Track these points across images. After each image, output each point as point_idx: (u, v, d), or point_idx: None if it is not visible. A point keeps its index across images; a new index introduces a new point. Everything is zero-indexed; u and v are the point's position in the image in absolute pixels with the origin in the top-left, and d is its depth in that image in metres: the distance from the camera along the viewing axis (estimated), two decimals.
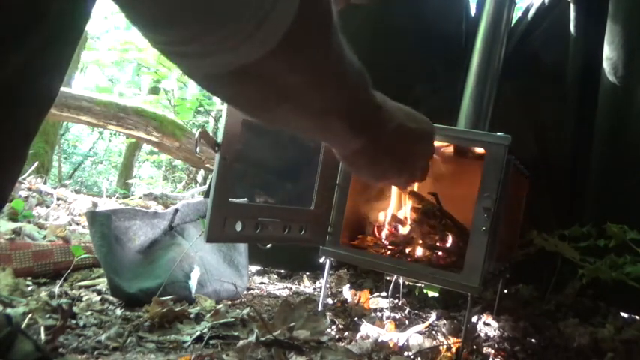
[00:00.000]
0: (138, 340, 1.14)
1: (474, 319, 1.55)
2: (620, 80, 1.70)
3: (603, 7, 1.73)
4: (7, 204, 2.04)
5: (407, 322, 1.51)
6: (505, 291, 1.85)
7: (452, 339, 1.38)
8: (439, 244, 1.49)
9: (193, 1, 0.41)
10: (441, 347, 1.30)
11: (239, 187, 1.22)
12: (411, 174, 0.79)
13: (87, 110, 3.83)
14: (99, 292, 1.45)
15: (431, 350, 1.27)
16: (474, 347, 1.34)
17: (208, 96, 6.57)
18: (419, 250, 1.47)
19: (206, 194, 2.26)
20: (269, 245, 1.22)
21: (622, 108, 1.73)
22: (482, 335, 1.47)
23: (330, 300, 1.61)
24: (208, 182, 3.53)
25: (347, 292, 1.64)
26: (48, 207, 2.68)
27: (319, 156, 1.35)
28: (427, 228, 1.49)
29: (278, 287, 1.81)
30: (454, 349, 1.28)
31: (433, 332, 1.45)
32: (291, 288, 1.82)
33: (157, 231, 1.57)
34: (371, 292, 1.70)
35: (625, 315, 1.77)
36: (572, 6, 1.85)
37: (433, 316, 1.56)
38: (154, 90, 6.99)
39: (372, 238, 1.52)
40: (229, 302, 1.49)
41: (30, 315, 1.14)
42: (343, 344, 1.26)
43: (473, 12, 2.09)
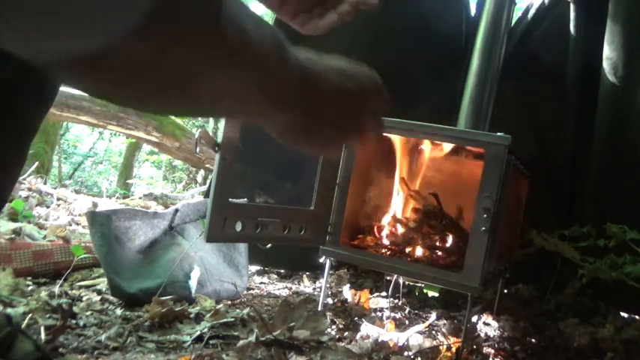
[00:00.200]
0: (138, 340, 1.14)
1: (474, 319, 1.55)
2: (620, 80, 1.70)
3: (603, 7, 1.73)
4: (7, 204, 2.04)
5: (407, 322, 1.51)
6: (505, 291, 1.85)
7: (452, 339, 1.38)
8: (439, 244, 1.49)
9: None
10: (441, 347, 1.30)
11: (239, 187, 1.22)
12: (360, 135, 0.71)
13: (87, 110, 3.83)
14: (99, 292, 1.45)
15: (431, 350, 1.27)
16: (474, 347, 1.34)
17: None
18: (419, 250, 1.47)
19: (206, 194, 2.26)
20: (269, 245, 1.22)
21: (622, 108, 1.73)
22: (482, 335, 1.47)
23: (330, 300, 1.61)
24: (208, 182, 3.53)
25: (347, 292, 1.64)
26: (48, 207, 2.68)
27: (319, 156, 1.35)
28: (427, 228, 1.49)
29: (278, 287, 1.81)
30: (454, 349, 1.28)
31: (433, 332, 1.45)
32: (291, 288, 1.82)
33: (157, 231, 1.57)
34: (371, 292, 1.70)
35: (625, 315, 1.77)
36: (572, 6, 1.85)
37: (433, 316, 1.56)
38: None
39: (372, 238, 1.52)
40: (229, 302, 1.49)
41: (30, 315, 1.14)
42: (343, 344, 1.26)
43: (473, 12, 2.09)
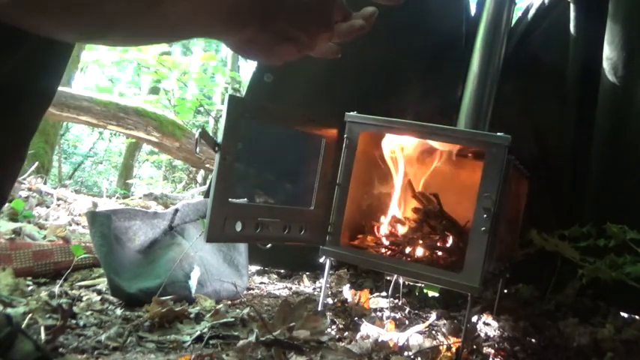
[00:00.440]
0: (138, 340, 1.14)
1: (474, 319, 1.55)
2: (620, 80, 1.70)
3: (603, 7, 1.73)
4: (7, 204, 2.04)
5: (407, 322, 1.51)
6: (505, 291, 1.85)
7: (452, 339, 1.38)
8: (439, 245, 1.49)
9: None
10: (441, 347, 1.30)
11: (239, 187, 1.22)
12: (318, 36, 0.68)
13: (87, 110, 3.83)
14: (99, 292, 1.45)
15: (431, 350, 1.27)
16: (474, 347, 1.34)
17: (208, 96, 6.58)
18: (419, 250, 1.47)
19: (206, 194, 2.26)
20: (269, 245, 1.22)
21: (622, 108, 1.73)
22: (482, 335, 1.47)
23: (330, 300, 1.61)
24: (208, 182, 3.53)
25: (347, 292, 1.64)
26: (48, 207, 2.68)
27: (319, 156, 1.35)
28: (427, 228, 1.49)
29: (278, 287, 1.81)
30: (454, 349, 1.28)
31: (433, 332, 1.45)
32: (291, 288, 1.82)
33: (157, 231, 1.57)
34: (371, 292, 1.70)
35: (625, 315, 1.77)
36: (572, 6, 1.85)
37: (433, 316, 1.56)
38: (154, 90, 7.00)
39: (372, 238, 1.52)
40: (229, 302, 1.49)
41: (30, 315, 1.14)
42: (343, 344, 1.26)
43: (473, 12, 2.09)
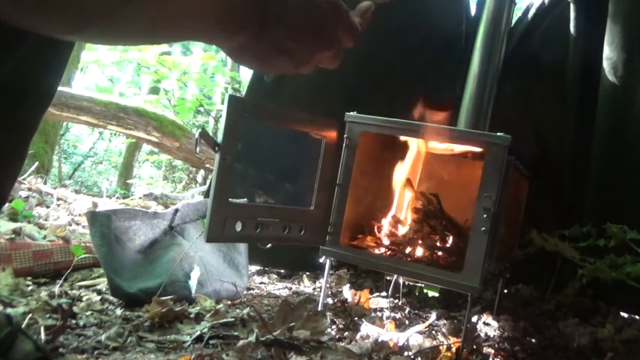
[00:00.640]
0: (138, 340, 1.14)
1: (474, 319, 1.55)
2: (620, 80, 1.70)
3: (603, 7, 1.73)
4: (7, 204, 2.04)
5: (407, 322, 1.51)
6: (505, 291, 1.85)
7: (452, 339, 1.38)
8: (439, 245, 1.49)
9: None
10: (441, 347, 1.30)
11: (239, 187, 1.22)
12: (317, 57, 0.66)
13: (87, 110, 3.83)
14: (99, 292, 1.45)
15: (431, 350, 1.27)
16: (474, 347, 1.34)
17: (208, 96, 6.58)
18: (419, 250, 1.47)
19: (206, 194, 2.26)
20: (269, 245, 1.22)
21: (622, 108, 1.73)
22: (482, 335, 1.47)
23: (330, 300, 1.61)
24: (208, 182, 3.53)
25: (347, 292, 1.64)
26: (48, 207, 2.68)
27: (319, 156, 1.35)
28: (427, 228, 1.49)
29: (278, 287, 1.80)
30: (454, 349, 1.28)
31: (433, 332, 1.45)
32: (291, 288, 1.82)
33: (157, 231, 1.57)
34: (371, 292, 1.70)
35: (625, 315, 1.77)
36: (572, 6, 1.85)
37: (433, 316, 1.56)
38: (154, 90, 7.00)
39: (372, 238, 1.52)
40: (229, 302, 1.49)
41: (30, 315, 1.14)
42: (343, 344, 1.26)
43: (473, 12, 2.09)
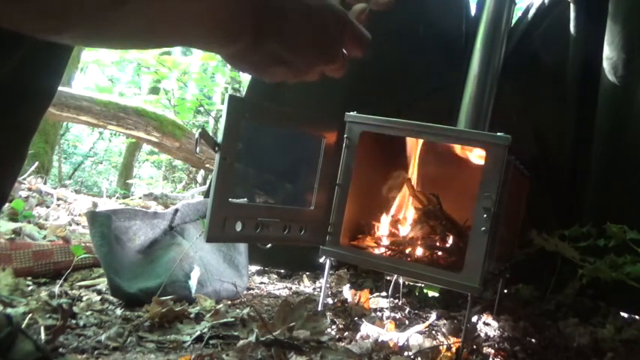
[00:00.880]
0: (138, 340, 1.14)
1: (474, 319, 1.55)
2: (620, 80, 1.70)
3: (603, 7, 1.73)
4: (7, 204, 2.04)
5: (407, 322, 1.51)
6: (505, 291, 1.85)
7: (452, 339, 1.38)
8: (439, 244, 1.49)
9: None
10: (441, 347, 1.30)
11: (239, 187, 1.22)
12: (317, 66, 0.64)
13: (87, 110, 3.83)
14: (99, 292, 1.45)
15: (431, 350, 1.27)
16: (474, 347, 1.34)
17: (208, 96, 6.58)
18: (419, 250, 1.47)
19: (206, 194, 2.26)
20: (269, 245, 1.22)
21: (622, 108, 1.73)
22: (482, 335, 1.47)
23: (330, 300, 1.61)
24: (208, 182, 3.53)
25: (347, 292, 1.64)
26: (48, 207, 2.68)
27: (319, 156, 1.35)
28: (428, 228, 1.49)
29: (278, 287, 1.80)
30: (454, 349, 1.28)
31: (433, 332, 1.45)
32: (291, 288, 1.82)
33: (157, 231, 1.57)
34: (371, 292, 1.70)
35: (625, 315, 1.77)
36: (572, 6, 1.85)
37: (433, 316, 1.56)
38: (154, 90, 7.00)
39: (372, 238, 1.52)
40: (229, 302, 1.49)
41: (30, 315, 1.14)
42: (343, 344, 1.26)
43: (473, 12, 2.09)
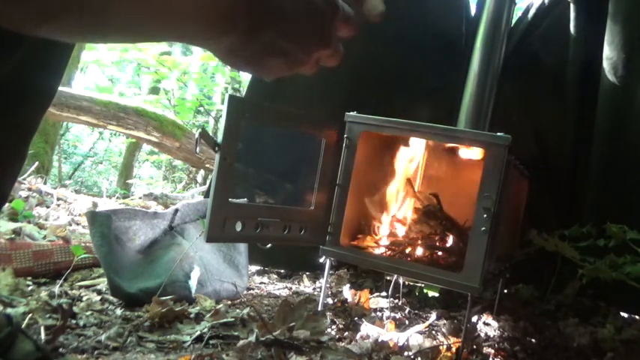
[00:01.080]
0: (138, 340, 1.14)
1: (474, 319, 1.55)
2: (620, 80, 1.70)
3: (603, 7, 1.73)
4: (7, 204, 2.04)
5: (407, 322, 1.51)
6: (505, 291, 1.85)
7: (452, 339, 1.38)
8: (439, 245, 1.49)
9: None
10: (441, 347, 1.30)
11: (239, 187, 1.22)
12: (313, 52, 0.63)
13: (87, 110, 3.83)
14: (99, 292, 1.45)
15: (431, 350, 1.27)
16: (474, 347, 1.34)
17: (208, 96, 6.58)
18: (419, 250, 1.47)
19: (206, 194, 2.26)
20: (269, 245, 1.22)
21: (622, 108, 1.73)
22: (482, 335, 1.47)
23: (330, 300, 1.61)
24: (208, 182, 3.53)
25: (347, 292, 1.64)
26: (48, 207, 2.68)
27: (319, 156, 1.35)
28: (427, 228, 1.49)
29: (278, 287, 1.80)
30: (454, 349, 1.28)
31: (433, 332, 1.45)
32: (291, 288, 1.82)
33: (157, 231, 1.57)
34: (371, 292, 1.70)
35: (625, 315, 1.77)
36: (572, 6, 1.85)
37: (433, 316, 1.56)
38: (154, 90, 7.00)
39: (372, 238, 1.52)
40: (229, 302, 1.49)
41: (30, 315, 1.14)
42: (343, 344, 1.26)
43: (473, 12, 2.09)
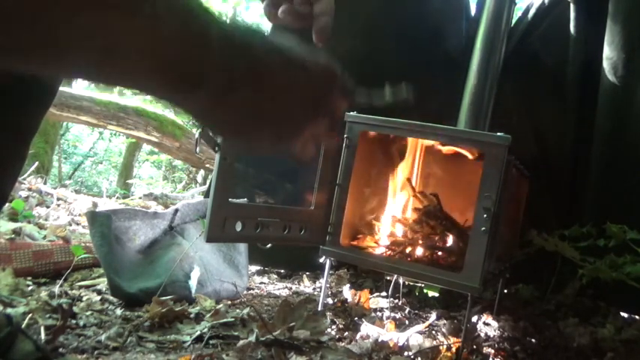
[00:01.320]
0: (138, 340, 1.14)
1: (474, 319, 1.55)
2: (620, 80, 1.70)
3: (603, 7, 1.73)
4: (7, 204, 2.04)
5: (407, 322, 1.51)
6: (505, 291, 1.85)
7: (452, 339, 1.38)
8: (439, 245, 1.49)
9: None
10: (441, 347, 1.30)
11: (239, 187, 1.22)
12: (306, 128, 0.60)
13: (87, 110, 3.84)
14: (99, 292, 1.45)
15: (431, 350, 1.27)
16: (474, 347, 1.34)
17: None
18: (419, 250, 1.47)
19: (206, 194, 2.26)
20: (269, 245, 1.22)
21: (622, 108, 1.73)
22: (482, 335, 1.47)
23: (330, 300, 1.61)
24: (208, 182, 3.53)
25: (347, 292, 1.64)
26: (48, 207, 2.68)
27: (319, 156, 1.35)
28: (427, 228, 1.49)
29: (278, 287, 1.80)
30: (454, 349, 1.28)
31: (433, 332, 1.45)
32: (291, 288, 1.82)
33: (157, 231, 1.57)
34: (371, 292, 1.70)
35: (625, 315, 1.77)
36: (572, 6, 1.85)
37: (433, 316, 1.56)
38: None
39: (372, 238, 1.52)
40: (229, 302, 1.49)
41: (30, 315, 1.14)
42: (343, 344, 1.26)
43: (473, 12, 2.09)
